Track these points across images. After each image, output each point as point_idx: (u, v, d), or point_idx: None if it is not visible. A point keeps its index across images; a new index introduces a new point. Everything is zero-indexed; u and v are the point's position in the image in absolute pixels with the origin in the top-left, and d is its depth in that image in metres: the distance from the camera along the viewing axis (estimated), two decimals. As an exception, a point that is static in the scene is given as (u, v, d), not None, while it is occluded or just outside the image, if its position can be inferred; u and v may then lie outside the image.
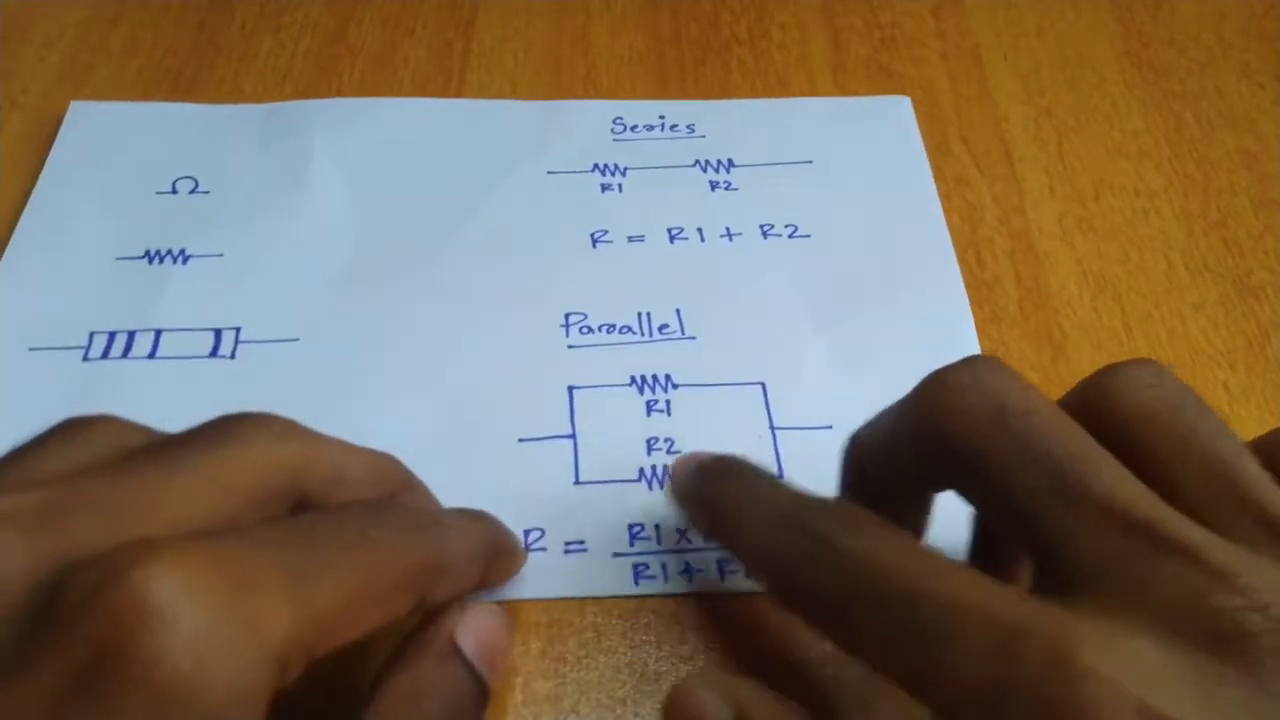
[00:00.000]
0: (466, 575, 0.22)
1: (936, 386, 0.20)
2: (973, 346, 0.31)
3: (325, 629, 0.17)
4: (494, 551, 0.23)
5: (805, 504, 0.20)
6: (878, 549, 0.18)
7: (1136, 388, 0.19)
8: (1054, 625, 0.16)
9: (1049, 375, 0.30)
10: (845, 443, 0.23)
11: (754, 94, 0.37)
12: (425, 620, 0.22)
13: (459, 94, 0.37)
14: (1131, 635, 0.16)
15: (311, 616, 0.17)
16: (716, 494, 0.23)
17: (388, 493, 0.22)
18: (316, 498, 0.20)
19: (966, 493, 0.20)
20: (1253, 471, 0.18)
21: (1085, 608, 0.17)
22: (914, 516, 0.23)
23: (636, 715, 0.24)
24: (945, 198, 0.34)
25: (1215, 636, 0.16)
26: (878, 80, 0.38)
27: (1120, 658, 0.16)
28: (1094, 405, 0.19)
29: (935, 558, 0.18)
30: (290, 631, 0.16)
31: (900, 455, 0.21)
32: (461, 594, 0.22)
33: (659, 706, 0.24)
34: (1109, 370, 0.20)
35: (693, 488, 0.24)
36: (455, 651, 0.21)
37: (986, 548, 0.23)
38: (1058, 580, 0.18)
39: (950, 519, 0.22)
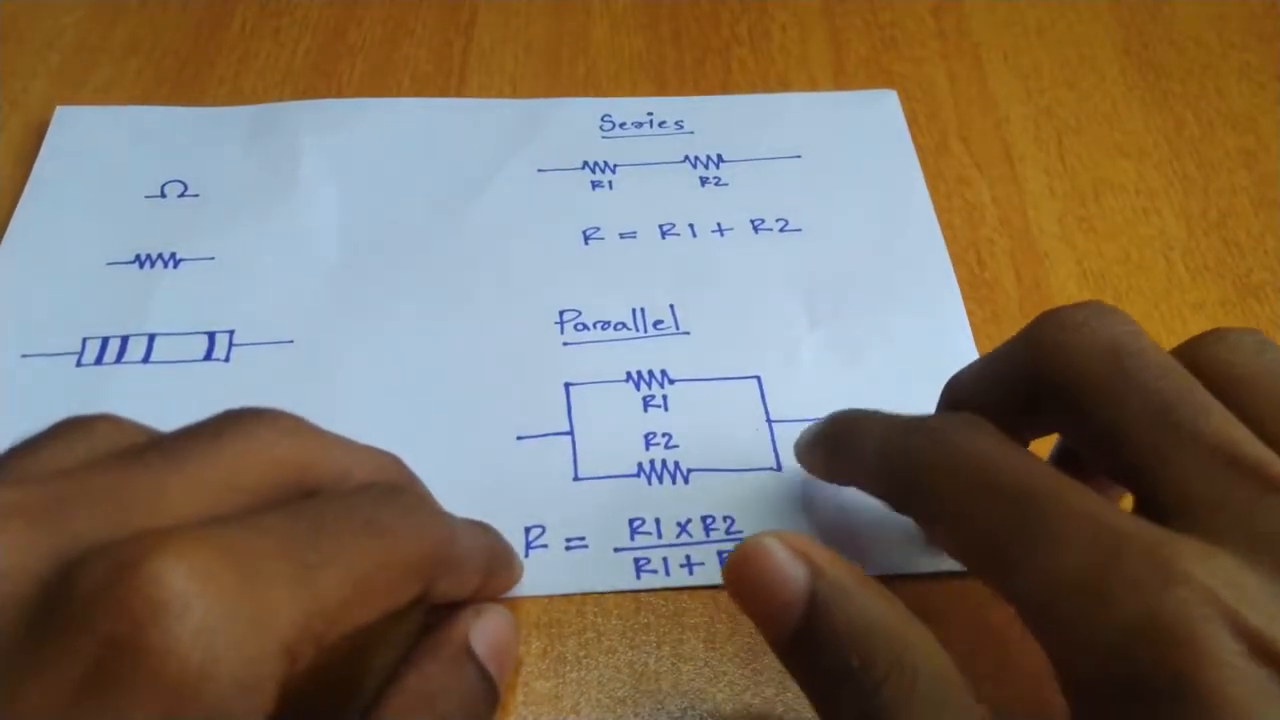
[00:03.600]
0: (470, 573, 0.22)
1: (1052, 324, 0.21)
2: (964, 332, 0.31)
3: (333, 617, 0.17)
4: (496, 558, 0.23)
5: (924, 416, 0.22)
6: (995, 449, 0.19)
7: (1242, 352, 0.20)
8: (1156, 535, 0.17)
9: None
10: (945, 385, 0.24)
11: (753, 94, 0.37)
12: (436, 621, 0.21)
13: (459, 94, 0.37)
14: (1231, 558, 0.17)
15: (319, 605, 0.16)
16: (840, 423, 0.25)
17: None
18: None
19: (1070, 428, 0.21)
20: None
21: (1187, 532, 0.17)
22: None
23: (636, 715, 0.24)
24: (945, 198, 0.34)
25: None
26: (878, 80, 0.38)
27: (1217, 570, 0.16)
28: (1200, 364, 0.20)
29: (1047, 466, 0.19)
30: (298, 620, 0.16)
31: (1004, 393, 0.22)
32: (462, 595, 0.22)
33: (659, 706, 0.24)
34: (1216, 333, 0.20)
35: (816, 428, 0.25)
36: (469, 654, 0.21)
37: None
38: (1160, 511, 0.18)
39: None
